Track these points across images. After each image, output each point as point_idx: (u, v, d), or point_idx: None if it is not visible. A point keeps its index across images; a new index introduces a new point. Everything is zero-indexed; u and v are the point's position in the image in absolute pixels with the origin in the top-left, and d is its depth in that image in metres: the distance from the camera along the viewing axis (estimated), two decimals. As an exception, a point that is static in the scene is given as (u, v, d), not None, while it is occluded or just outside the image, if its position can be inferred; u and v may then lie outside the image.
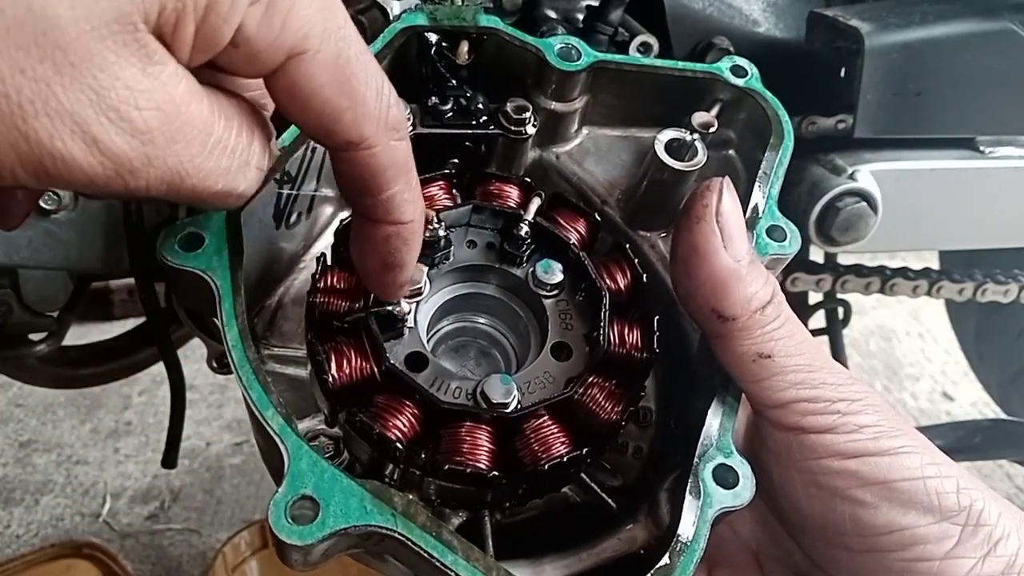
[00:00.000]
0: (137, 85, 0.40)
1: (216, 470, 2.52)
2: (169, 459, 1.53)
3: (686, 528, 0.56)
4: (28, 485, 2.44)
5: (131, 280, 1.35)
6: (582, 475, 0.67)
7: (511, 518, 0.68)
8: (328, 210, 0.76)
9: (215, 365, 1.40)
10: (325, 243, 0.76)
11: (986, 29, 1.26)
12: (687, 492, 0.57)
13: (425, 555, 0.51)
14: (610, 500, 0.68)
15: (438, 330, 0.70)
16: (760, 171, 0.71)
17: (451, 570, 0.51)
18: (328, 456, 0.59)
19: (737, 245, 0.60)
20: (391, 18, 1.03)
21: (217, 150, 0.45)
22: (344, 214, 0.74)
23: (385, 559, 0.57)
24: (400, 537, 0.51)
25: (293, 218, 0.71)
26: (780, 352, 0.60)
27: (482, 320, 0.72)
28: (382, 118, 0.50)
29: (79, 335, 2.31)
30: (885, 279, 1.58)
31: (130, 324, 1.74)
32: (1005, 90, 1.30)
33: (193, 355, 2.02)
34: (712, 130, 0.73)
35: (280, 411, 0.54)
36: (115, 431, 2.63)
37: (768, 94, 0.77)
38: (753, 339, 0.60)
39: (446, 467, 0.56)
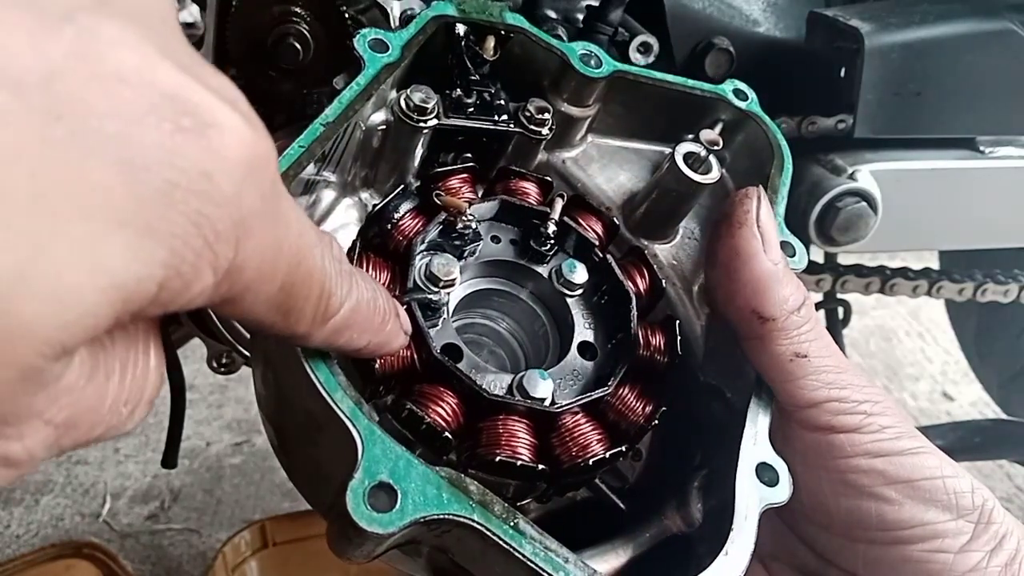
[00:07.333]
0: None
1: (216, 470, 2.52)
2: (169, 459, 1.53)
3: (739, 524, 0.57)
4: (28, 485, 2.44)
5: (131, 280, 1.35)
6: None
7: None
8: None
9: (215, 365, 1.40)
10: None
11: (986, 29, 1.26)
12: (735, 489, 0.59)
13: (504, 545, 0.50)
14: (619, 501, 0.68)
15: (455, 322, 0.70)
16: (767, 191, 0.73)
17: (531, 560, 0.50)
18: None
19: (774, 250, 0.64)
20: (390, 19, 1.04)
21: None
22: (372, 200, 0.74)
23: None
24: (479, 527, 0.50)
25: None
26: (814, 352, 0.63)
27: (499, 316, 0.72)
28: (319, 317, 0.44)
29: (79, 335, 2.31)
30: (885, 279, 1.59)
31: (130, 324, 1.74)
32: (1005, 90, 1.30)
33: (193, 355, 2.02)
34: (717, 148, 0.74)
35: (349, 394, 0.51)
36: (115, 431, 2.63)
37: (768, 119, 0.78)
38: (790, 339, 0.62)
39: (496, 459, 0.56)
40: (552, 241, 0.69)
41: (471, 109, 0.72)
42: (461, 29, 0.73)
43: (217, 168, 0.32)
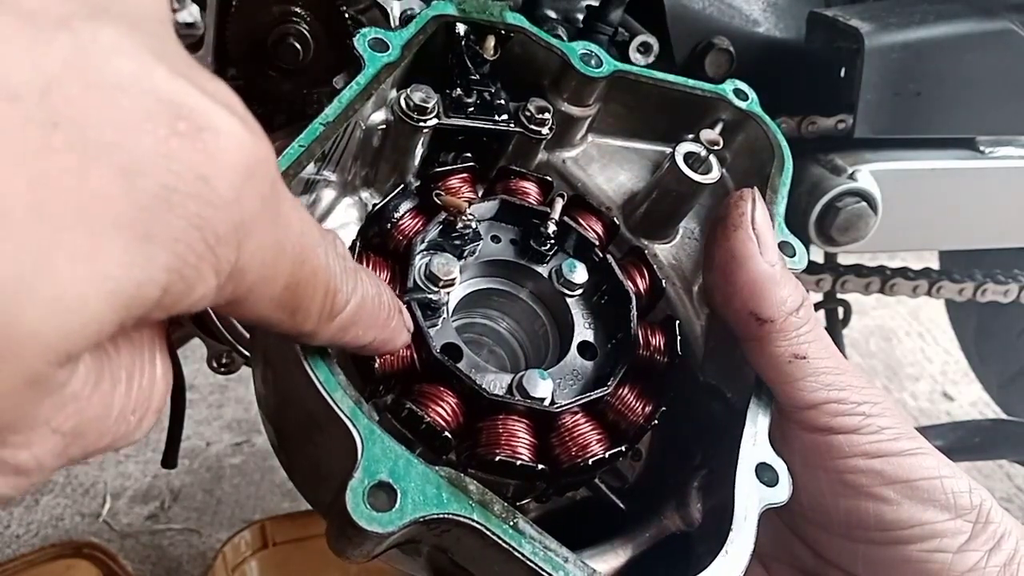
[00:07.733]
0: None
1: (216, 470, 2.52)
2: (169, 459, 1.53)
3: (738, 523, 0.57)
4: (28, 485, 2.44)
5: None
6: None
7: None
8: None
9: (215, 365, 1.40)
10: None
11: (986, 29, 1.26)
12: (735, 489, 0.59)
13: (503, 545, 0.50)
14: (619, 501, 0.68)
15: (455, 321, 0.70)
16: (767, 192, 0.73)
17: (530, 560, 0.50)
18: None
19: (771, 251, 0.64)
20: (391, 19, 1.04)
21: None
22: (372, 199, 0.74)
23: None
24: (479, 527, 0.50)
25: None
26: (813, 353, 0.63)
27: (499, 316, 0.73)
28: (326, 314, 0.44)
29: (79, 335, 2.31)
30: (885, 279, 1.59)
31: (130, 324, 1.74)
32: (1005, 90, 1.30)
33: (193, 355, 2.02)
34: (717, 148, 0.74)
35: (349, 393, 0.51)
36: (115, 431, 2.63)
37: (768, 119, 0.78)
38: (789, 340, 0.62)
39: (496, 459, 0.56)
40: (552, 241, 0.69)
41: (471, 109, 0.72)
42: (461, 29, 0.72)
43: (214, 171, 0.32)
